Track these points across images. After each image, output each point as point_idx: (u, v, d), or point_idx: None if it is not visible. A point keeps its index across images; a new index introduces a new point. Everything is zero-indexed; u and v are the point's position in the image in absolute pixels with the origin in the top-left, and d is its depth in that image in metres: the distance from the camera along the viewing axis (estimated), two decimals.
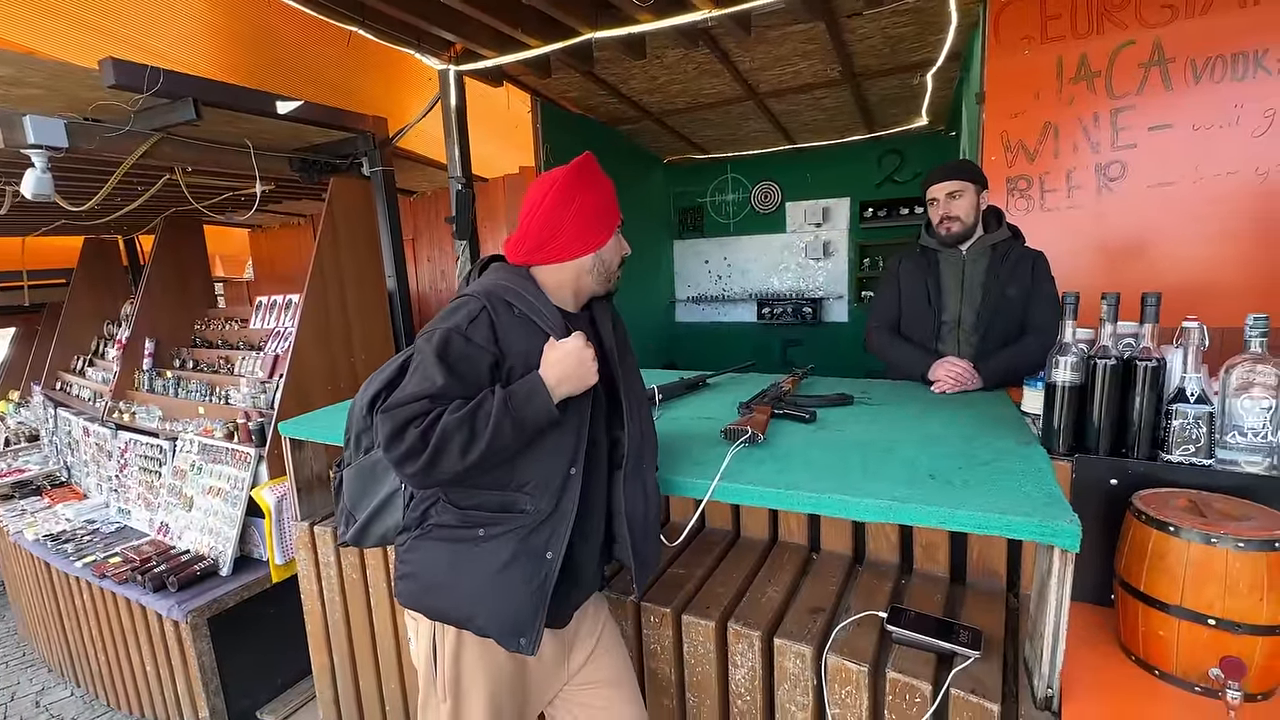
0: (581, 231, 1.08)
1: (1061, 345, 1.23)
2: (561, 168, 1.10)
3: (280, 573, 2.39)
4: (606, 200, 1.12)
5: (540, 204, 1.07)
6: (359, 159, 3.09)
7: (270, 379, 3.05)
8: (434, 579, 1.08)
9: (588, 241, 1.10)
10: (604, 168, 1.13)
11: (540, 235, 1.08)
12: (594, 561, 1.15)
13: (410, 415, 0.95)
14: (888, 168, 5.08)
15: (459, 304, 1.06)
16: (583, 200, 1.08)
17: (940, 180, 1.81)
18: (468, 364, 1.00)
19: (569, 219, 1.07)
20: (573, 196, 1.07)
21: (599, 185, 1.11)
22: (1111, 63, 2.14)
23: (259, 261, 6.02)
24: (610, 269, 1.15)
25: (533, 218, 1.08)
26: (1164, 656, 1.00)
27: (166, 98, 2.21)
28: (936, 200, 1.82)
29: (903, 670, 1.07)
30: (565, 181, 1.07)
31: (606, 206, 1.11)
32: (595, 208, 1.09)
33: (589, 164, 1.11)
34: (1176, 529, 0.97)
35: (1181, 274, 2.14)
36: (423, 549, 1.09)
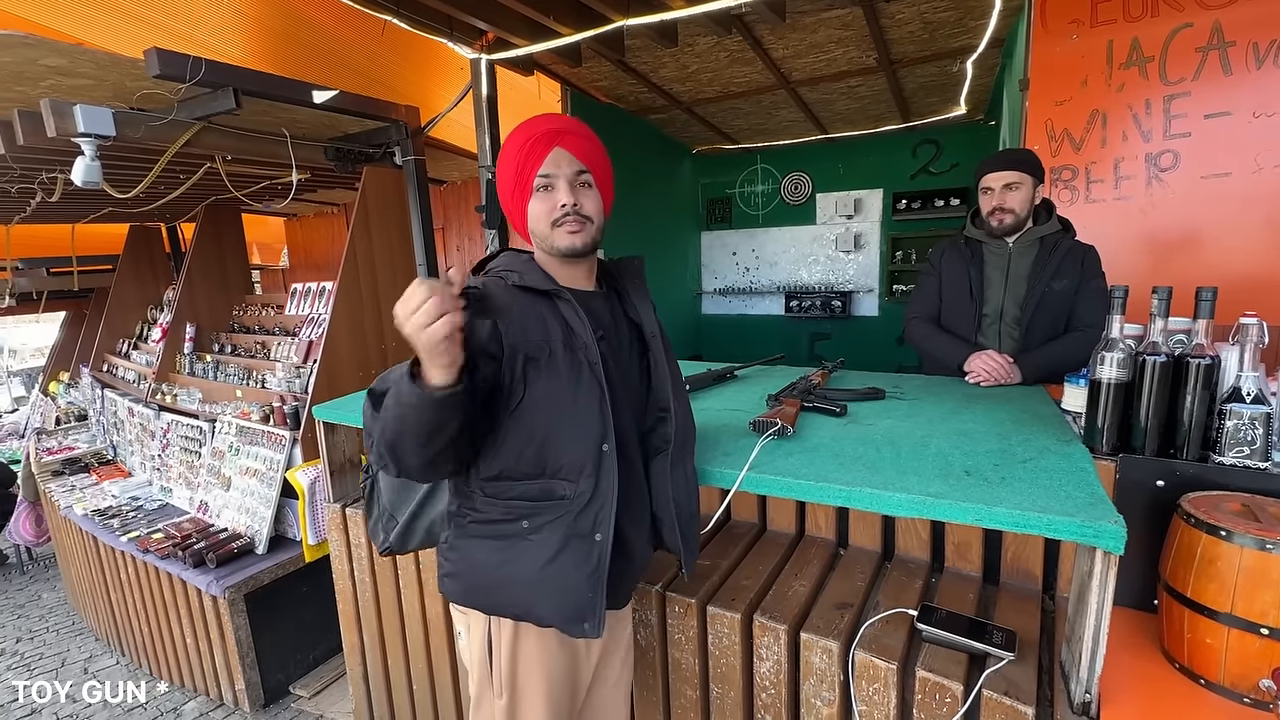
0: (506, 199, 1.05)
1: (1108, 341, 1.18)
2: None
3: (313, 552, 2.45)
4: (510, 154, 1.03)
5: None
6: (391, 148, 3.12)
7: (304, 364, 3.12)
8: (485, 575, 1.04)
9: (511, 208, 1.06)
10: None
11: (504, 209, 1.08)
12: (644, 543, 1.12)
13: (368, 407, 0.92)
14: (923, 158, 4.96)
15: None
16: (501, 165, 1.04)
17: (997, 169, 1.74)
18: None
19: (500, 189, 1.05)
20: (499, 166, 1.05)
21: (508, 143, 1.04)
22: (1166, 47, 2.05)
23: (294, 249, 6.15)
24: (540, 228, 1.03)
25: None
26: (1210, 665, 0.96)
27: (208, 87, 2.26)
28: (991, 190, 1.75)
29: (933, 669, 1.05)
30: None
31: (510, 161, 1.03)
32: (503, 167, 1.04)
33: (512, 134, 1.05)
34: (1229, 533, 0.93)
35: (1236, 269, 2.04)
36: (466, 546, 1.06)
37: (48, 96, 2.17)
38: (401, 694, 1.92)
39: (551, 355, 0.98)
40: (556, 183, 1.01)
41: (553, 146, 1.00)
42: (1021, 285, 1.75)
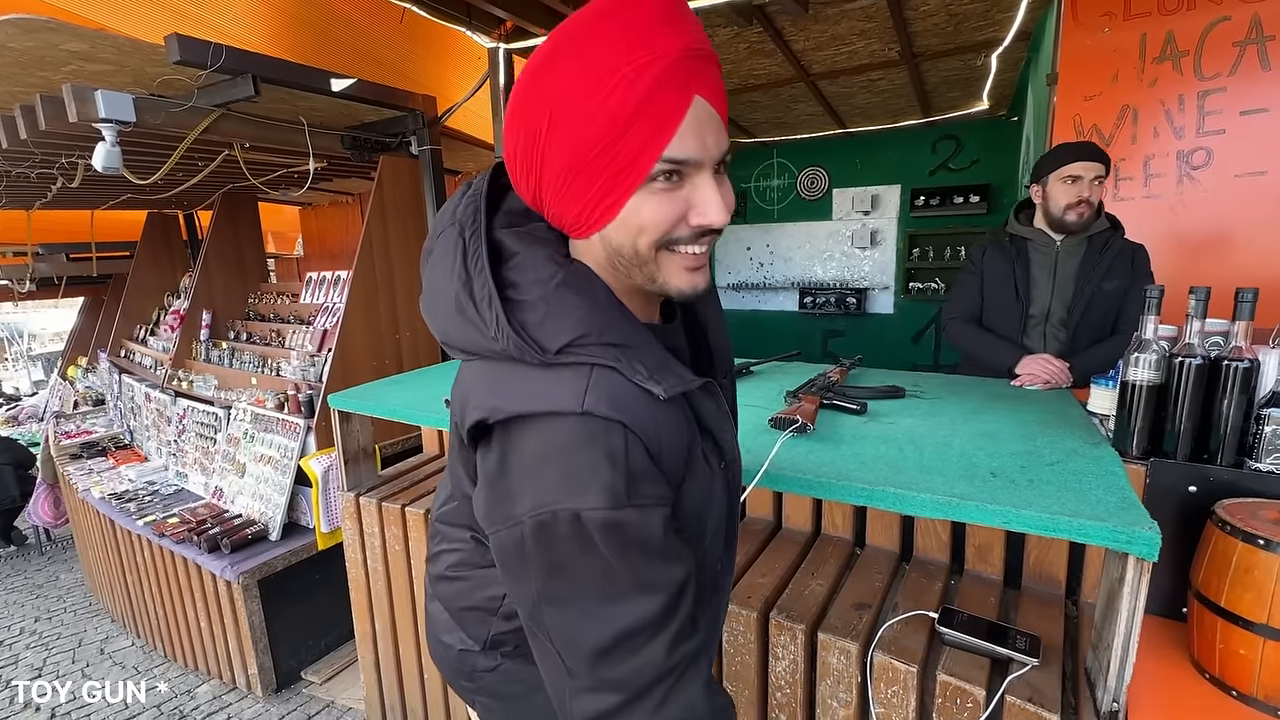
0: (562, 178, 0.56)
1: (1141, 342, 1.15)
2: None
3: (326, 540, 2.47)
4: (615, 116, 0.51)
5: (510, 102, 0.57)
6: (408, 138, 3.11)
7: (319, 352, 3.13)
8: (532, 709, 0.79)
9: (584, 205, 0.57)
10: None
11: (513, 176, 0.61)
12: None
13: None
14: (942, 154, 4.89)
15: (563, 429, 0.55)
16: (561, 106, 0.52)
17: (1089, 159, 1.65)
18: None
19: (543, 146, 0.55)
20: (544, 93, 0.53)
21: (591, 50, 0.51)
22: (1202, 41, 1.99)
23: (309, 238, 6.19)
24: (641, 244, 0.57)
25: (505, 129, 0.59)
26: (1244, 677, 0.93)
27: (227, 74, 2.26)
28: (1080, 179, 1.66)
29: (954, 673, 1.03)
30: (537, 58, 0.54)
31: (617, 129, 0.52)
32: (585, 125, 0.52)
33: (585, 25, 0.52)
34: (1268, 542, 0.90)
35: (1271, 270, 1.99)
36: (522, 669, 0.79)
37: (69, 81, 2.18)
38: (413, 682, 1.92)
39: (689, 476, 0.62)
40: (698, 174, 0.56)
41: (693, 93, 0.53)
42: (1069, 286, 1.70)
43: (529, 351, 0.56)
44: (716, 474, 0.67)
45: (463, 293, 0.59)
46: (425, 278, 0.66)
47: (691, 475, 0.62)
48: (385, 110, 2.97)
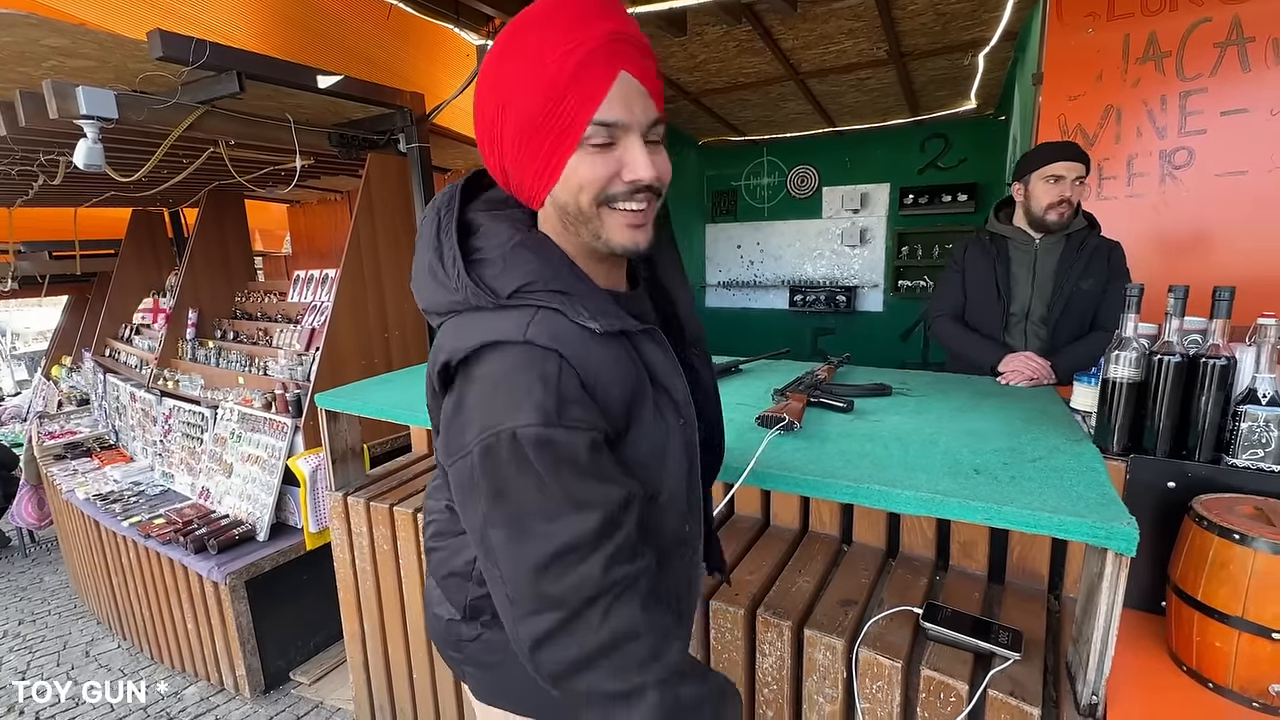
0: (519, 147, 0.64)
1: (1121, 340, 1.17)
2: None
3: (314, 540, 2.45)
4: (543, 63, 0.59)
5: (477, 91, 0.65)
6: (396, 135, 3.09)
7: (306, 351, 3.11)
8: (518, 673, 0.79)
9: (534, 170, 0.64)
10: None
11: (489, 158, 0.68)
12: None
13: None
14: (931, 153, 4.92)
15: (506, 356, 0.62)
16: (510, 86, 0.61)
17: (1071, 159, 1.67)
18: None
19: (500, 125, 0.64)
20: (498, 80, 0.62)
21: (534, 37, 0.60)
22: (1184, 42, 2.01)
23: (296, 237, 6.13)
24: (583, 202, 0.64)
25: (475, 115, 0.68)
26: (1220, 669, 0.95)
27: (211, 70, 2.23)
28: (1062, 179, 1.68)
29: (938, 668, 1.04)
30: (495, 47, 0.63)
31: (543, 78, 0.59)
32: (522, 84, 0.61)
33: (530, 17, 0.61)
34: (1242, 537, 0.92)
35: (1250, 269, 2.02)
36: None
37: (50, 78, 2.15)
38: (402, 682, 1.92)
39: (635, 424, 0.67)
40: (626, 137, 0.63)
41: (618, 69, 0.61)
42: (1049, 284, 1.72)
43: (484, 296, 0.65)
44: (673, 430, 0.71)
45: (434, 258, 0.69)
46: (415, 260, 0.75)
47: (638, 423, 0.67)
48: (373, 107, 2.95)
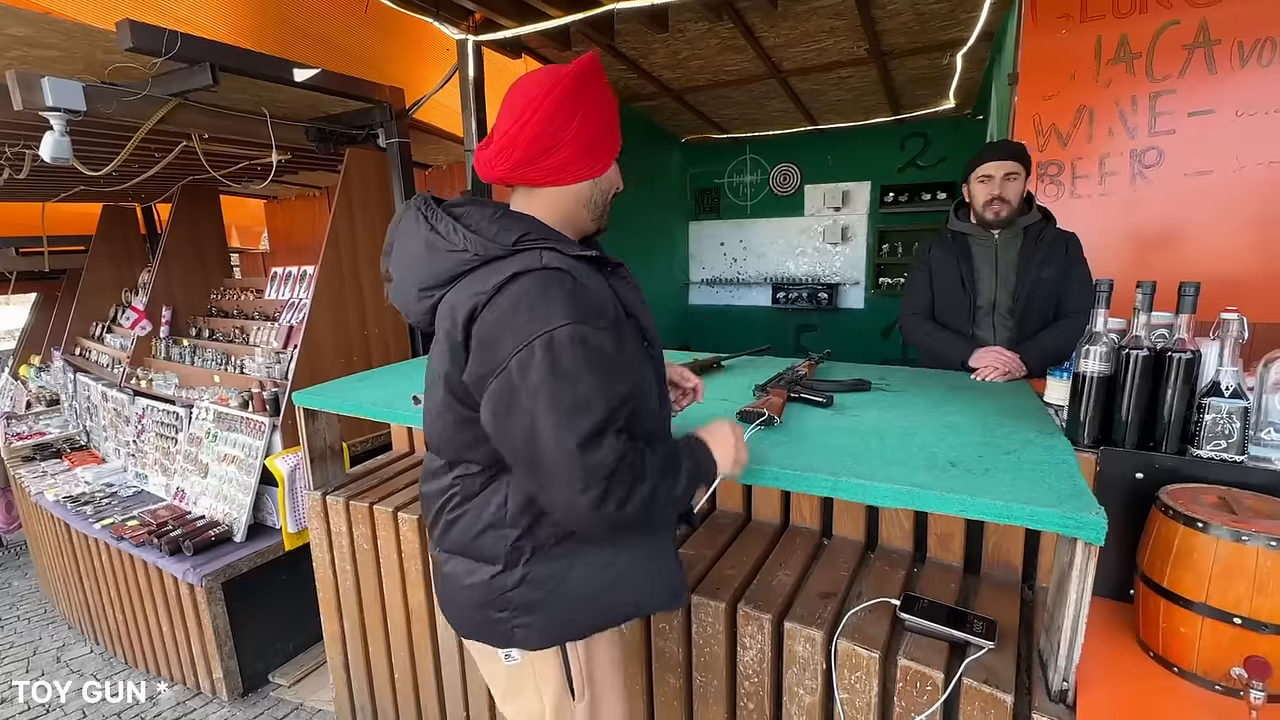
0: (586, 149, 0.89)
1: (1092, 334, 1.19)
2: (558, 66, 0.88)
3: (293, 540, 2.42)
4: (613, 115, 0.93)
5: (538, 107, 0.85)
6: (375, 130, 3.05)
7: (284, 349, 3.07)
8: (584, 589, 0.93)
9: (591, 163, 0.91)
10: (622, 146, 0.98)
11: (533, 147, 0.87)
12: None
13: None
14: (911, 151, 4.97)
15: (529, 282, 0.80)
16: (589, 110, 0.88)
17: (999, 159, 1.74)
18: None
19: (571, 132, 0.87)
20: (579, 104, 0.87)
21: (607, 96, 0.92)
22: (1153, 44, 2.06)
23: (274, 233, 6.03)
24: (606, 202, 0.99)
25: (526, 123, 0.85)
26: (1184, 654, 0.98)
27: (184, 62, 2.19)
28: (991, 178, 1.75)
29: (915, 658, 1.06)
30: (571, 83, 0.85)
31: (613, 122, 0.93)
32: (603, 121, 0.90)
33: (597, 67, 0.89)
34: (1206, 525, 0.94)
35: (1216, 266, 2.07)
36: (552, 569, 0.92)
37: (15, 68, 2.09)
38: (383, 682, 1.90)
39: (621, 341, 0.87)
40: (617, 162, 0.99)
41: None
42: (1011, 276, 1.76)
43: (493, 247, 0.83)
44: (644, 359, 0.93)
45: (430, 235, 0.86)
46: (396, 259, 0.91)
47: (624, 343, 0.86)
48: (351, 102, 2.91)
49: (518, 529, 0.91)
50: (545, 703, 1.01)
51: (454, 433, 0.91)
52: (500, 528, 0.91)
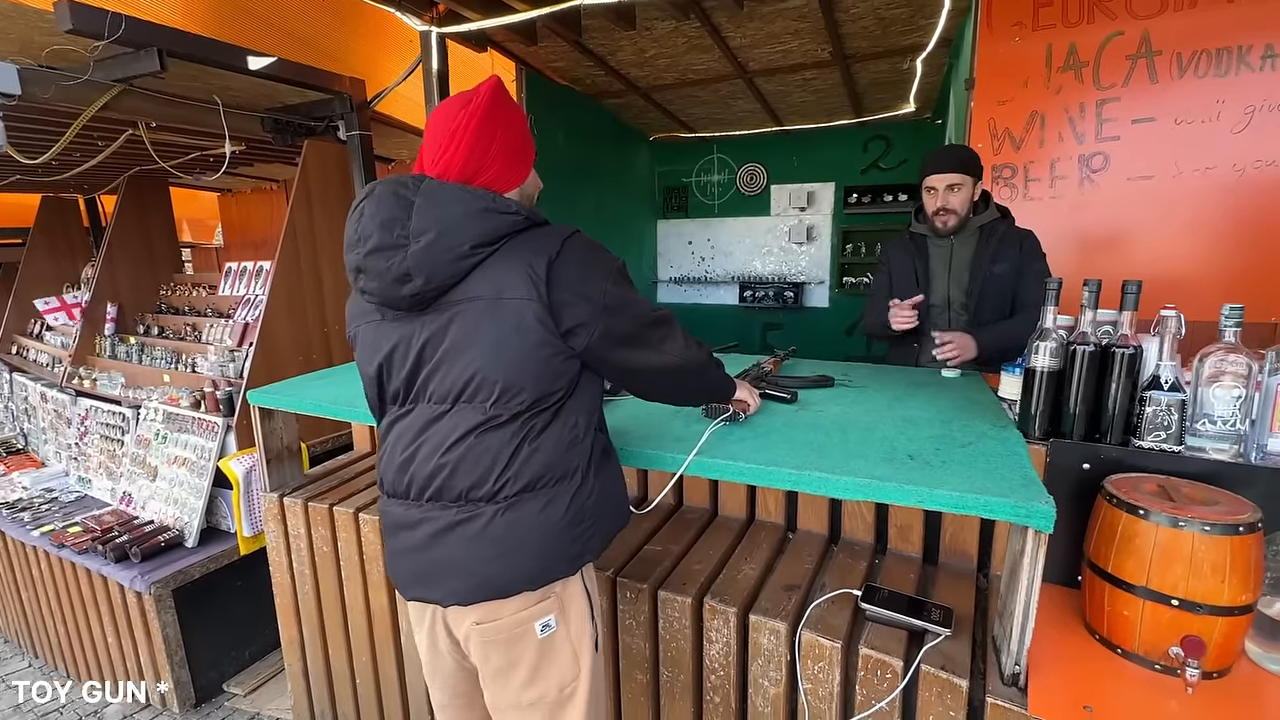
0: (509, 163, 1.02)
1: (1042, 331, 1.24)
2: (468, 93, 1.00)
3: (248, 545, 2.34)
4: (524, 127, 1.06)
5: (463, 136, 0.97)
6: (335, 122, 2.97)
7: (239, 347, 2.96)
8: (617, 495, 1.11)
9: (515, 173, 1.04)
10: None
11: (465, 171, 0.98)
12: None
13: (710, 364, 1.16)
14: (873, 153, 5.08)
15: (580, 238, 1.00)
16: (506, 128, 1.01)
17: (941, 171, 1.79)
18: None
19: (495, 151, 0.99)
20: (496, 124, 0.99)
21: (515, 111, 1.05)
22: (1100, 53, 2.15)
23: (228, 227, 5.82)
24: (531, 206, 1.09)
25: (456, 152, 0.97)
26: (1127, 635, 1.02)
27: (129, 46, 2.09)
28: (935, 190, 1.81)
29: (875, 647, 1.08)
30: (487, 108, 0.98)
31: (526, 133, 1.06)
32: (518, 135, 1.03)
33: (503, 90, 1.03)
34: (1146, 512, 0.99)
35: (1155, 267, 2.18)
36: (603, 481, 1.07)
37: None
38: (344, 688, 1.86)
39: None
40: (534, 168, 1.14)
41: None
42: (965, 273, 1.82)
43: (537, 215, 1.01)
44: None
45: (479, 202, 0.95)
46: (426, 220, 0.94)
47: None
48: (310, 92, 2.82)
49: (589, 439, 1.05)
50: (581, 662, 1.07)
51: (542, 368, 0.98)
52: (578, 442, 1.03)
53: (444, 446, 0.99)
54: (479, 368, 0.97)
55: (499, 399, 0.97)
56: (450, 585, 1.01)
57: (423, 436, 1.02)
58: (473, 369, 0.97)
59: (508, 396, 0.97)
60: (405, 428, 1.04)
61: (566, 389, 1.02)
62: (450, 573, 1.01)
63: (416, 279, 0.94)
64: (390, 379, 1.05)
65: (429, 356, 0.99)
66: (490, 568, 1.00)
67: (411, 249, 0.93)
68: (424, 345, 0.99)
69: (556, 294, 0.95)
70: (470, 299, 0.96)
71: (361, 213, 0.98)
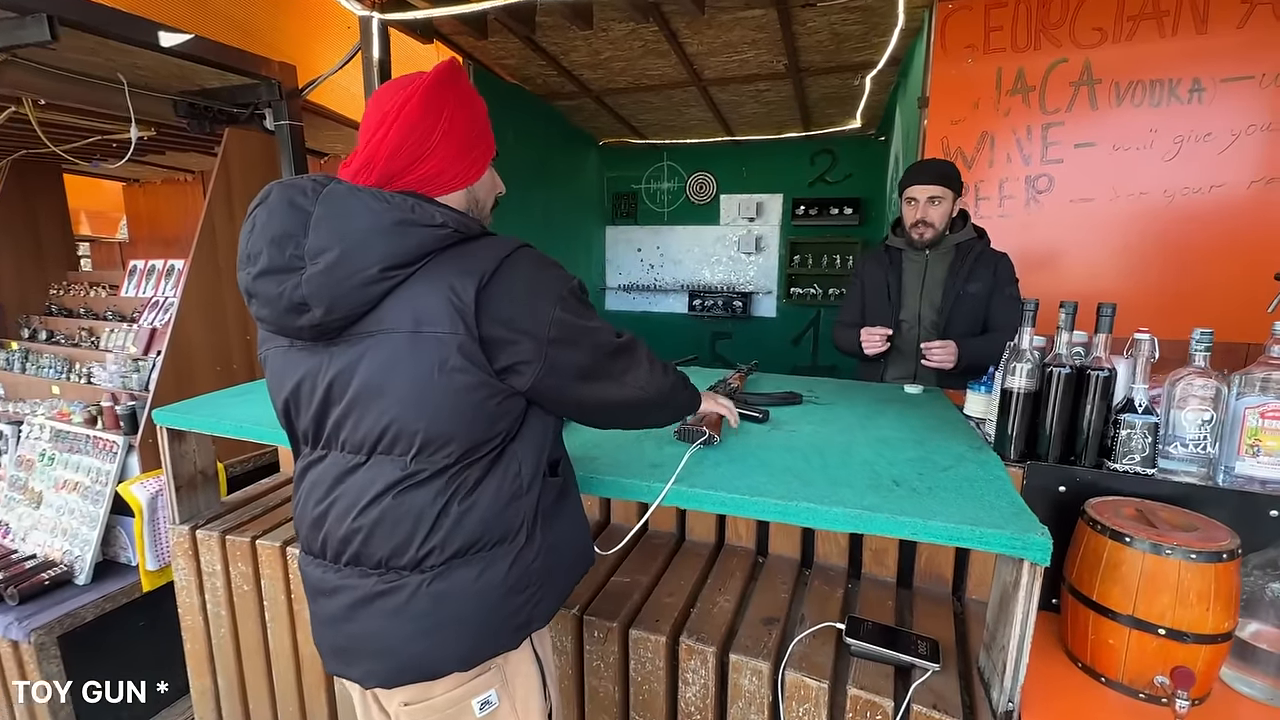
0: (454, 158, 0.84)
1: (1018, 352, 1.23)
2: (414, 74, 0.83)
3: (153, 579, 2.07)
4: (481, 119, 0.89)
5: (395, 119, 0.80)
6: (261, 110, 2.72)
7: (145, 356, 2.65)
8: (574, 546, 0.99)
9: (462, 171, 0.86)
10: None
11: (395, 162, 0.81)
12: None
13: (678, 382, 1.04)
14: (820, 167, 5.18)
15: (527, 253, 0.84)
16: (453, 116, 0.83)
17: (924, 182, 1.78)
18: None
19: (435, 141, 0.82)
20: (440, 111, 0.82)
21: (471, 100, 0.87)
22: (1046, 79, 2.23)
23: (135, 220, 5.31)
24: (484, 212, 0.94)
25: (384, 138, 0.80)
26: (1111, 664, 1.01)
27: (12, 11, 1.82)
28: (916, 201, 1.80)
29: (864, 686, 1.03)
30: (427, 91, 0.81)
31: (483, 127, 0.89)
32: (470, 127, 0.86)
33: (456, 70, 0.85)
34: (1132, 539, 0.97)
35: (1092, 285, 2.28)
36: (557, 530, 0.94)
37: None
38: None
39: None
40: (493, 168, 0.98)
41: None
42: (938, 290, 1.82)
43: (473, 225, 0.83)
44: None
45: (392, 213, 0.77)
46: (328, 236, 0.76)
47: None
48: (232, 76, 2.57)
49: (532, 495, 0.90)
50: None
51: (474, 413, 0.81)
52: (521, 495, 0.88)
53: (358, 507, 0.83)
54: (394, 416, 0.80)
55: (420, 452, 0.81)
56: (369, 665, 0.86)
57: (335, 492, 0.85)
58: (387, 418, 0.80)
59: (432, 449, 0.81)
60: (318, 478, 0.88)
61: (507, 431, 0.86)
62: (369, 652, 0.86)
63: (315, 309, 0.76)
64: (298, 417, 0.89)
65: (337, 398, 0.83)
66: (415, 646, 0.84)
67: (307, 272, 0.76)
68: (330, 385, 0.82)
69: (488, 327, 0.78)
70: (384, 331, 0.78)
71: (253, 224, 0.81)
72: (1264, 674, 0.99)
